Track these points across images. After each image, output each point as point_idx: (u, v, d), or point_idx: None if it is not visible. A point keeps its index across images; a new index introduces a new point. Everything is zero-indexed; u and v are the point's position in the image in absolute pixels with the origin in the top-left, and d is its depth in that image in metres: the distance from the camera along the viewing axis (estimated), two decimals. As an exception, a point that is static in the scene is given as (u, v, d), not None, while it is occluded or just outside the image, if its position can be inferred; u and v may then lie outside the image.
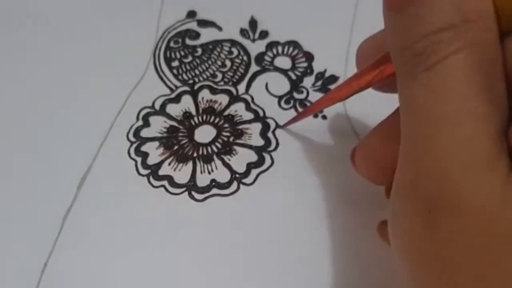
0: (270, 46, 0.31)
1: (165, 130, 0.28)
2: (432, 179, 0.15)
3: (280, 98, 0.29)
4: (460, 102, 0.15)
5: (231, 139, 0.27)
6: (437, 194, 0.15)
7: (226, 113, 0.28)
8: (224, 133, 0.28)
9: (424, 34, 0.15)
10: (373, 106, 0.29)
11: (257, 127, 0.28)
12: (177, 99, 0.29)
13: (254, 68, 0.30)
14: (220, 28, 0.31)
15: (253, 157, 0.27)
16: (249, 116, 0.28)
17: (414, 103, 0.16)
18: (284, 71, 0.30)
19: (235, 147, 0.27)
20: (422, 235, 0.16)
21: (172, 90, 0.29)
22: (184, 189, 0.26)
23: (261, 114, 0.28)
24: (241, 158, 0.27)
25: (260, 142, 0.27)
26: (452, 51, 0.15)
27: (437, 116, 0.15)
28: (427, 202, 0.15)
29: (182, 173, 0.26)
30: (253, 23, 0.32)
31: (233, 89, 0.29)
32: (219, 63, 0.30)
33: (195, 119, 0.28)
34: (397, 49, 0.16)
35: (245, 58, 0.30)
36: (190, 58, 0.30)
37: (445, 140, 0.15)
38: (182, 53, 0.31)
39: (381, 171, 0.21)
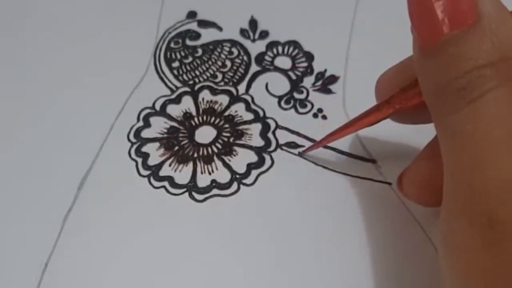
0: (270, 46, 0.31)
1: (165, 130, 0.28)
2: (491, 196, 0.16)
3: (280, 98, 0.29)
4: (509, 127, 0.16)
5: (231, 139, 0.28)
6: (498, 209, 0.16)
7: (226, 113, 0.28)
8: (224, 134, 0.28)
9: (466, 71, 0.16)
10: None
11: (257, 127, 0.28)
12: (177, 100, 0.29)
13: (254, 68, 0.30)
14: (220, 29, 0.31)
15: (253, 157, 0.27)
16: (249, 116, 0.28)
17: (461, 132, 0.17)
18: (284, 71, 0.30)
19: (235, 148, 0.27)
20: (482, 253, 0.16)
21: (172, 91, 0.29)
22: (184, 189, 0.26)
23: (261, 114, 0.28)
24: (241, 159, 0.27)
25: (260, 142, 0.27)
26: (494, 85, 0.16)
27: (489, 141, 0.16)
28: (487, 218, 0.16)
29: (182, 174, 0.26)
30: (253, 23, 0.32)
31: (233, 90, 0.29)
32: (219, 63, 0.30)
33: (196, 119, 0.28)
34: (435, 86, 0.18)
35: (245, 58, 0.30)
36: (190, 59, 0.30)
37: (501, 161, 0.16)
38: (183, 54, 0.31)
39: (430, 193, 0.22)
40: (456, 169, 0.17)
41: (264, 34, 0.31)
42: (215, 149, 0.27)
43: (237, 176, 0.26)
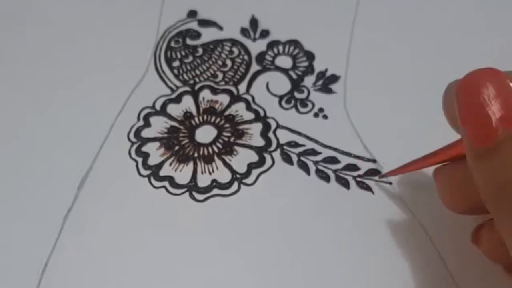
0: (271, 45, 0.31)
1: (165, 130, 0.28)
2: None
3: (281, 97, 0.29)
4: None
5: (231, 139, 0.27)
6: None
7: (226, 113, 0.28)
8: (224, 133, 0.28)
9: None
10: (374, 105, 0.29)
11: (257, 127, 0.28)
12: (177, 99, 0.29)
13: (255, 67, 0.30)
14: (220, 28, 0.31)
15: (253, 157, 0.27)
16: (250, 116, 0.28)
17: None
18: (285, 71, 0.30)
19: (236, 147, 0.27)
20: None
21: (172, 90, 0.29)
22: (185, 189, 0.26)
23: (262, 114, 0.28)
24: (242, 159, 0.27)
25: (260, 142, 0.27)
26: None
27: None
28: None
29: (183, 174, 0.26)
30: (253, 22, 0.32)
31: (233, 89, 0.29)
32: (220, 62, 0.30)
33: (196, 119, 0.28)
34: (494, 187, 0.17)
35: (245, 57, 0.30)
36: (191, 58, 0.30)
37: None
38: (183, 53, 0.31)
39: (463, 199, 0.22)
40: None
41: (264, 33, 0.31)
42: (215, 149, 0.27)
43: (238, 176, 0.26)
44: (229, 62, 0.30)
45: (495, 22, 0.31)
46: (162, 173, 0.26)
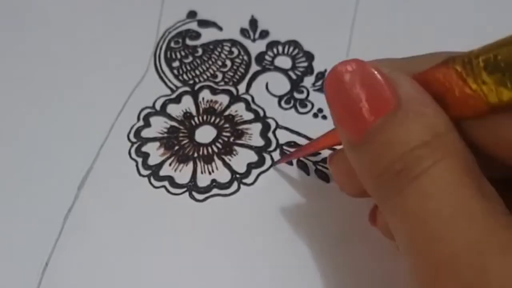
0: (271, 45, 0.31)
1: (165, 130, 0.28)
2: (455, 276, 0.15)
3: (280, 98, 0.29)
4: (459, 202, 0.15)
5: (231, 139, 0.28)
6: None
7: (226, 113, 0.28)
8: (224, 133, 0.28)
9: (400, 155, 0.16)
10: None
11: (257, 127, 0.28)
12: (177, 100, 0.29)
13: (254, 68, 0.30)
14: (220, 28, 0.31)
15: (253, 157, 0.27)
16: (250, 116, 0.28)
17: (409, 212, 0.16)
18: (284, 71, 0.30)
19: (236, 147, 0.27)
20: None
21: (172, 91, 0.29)
22: (184, 189, 0.26)
23: (262, 114, 0.28)
24: (241, 158, 0.27)
25: (260, 142, 0.27)
26: (433, 162, 0.16)
27: (441, 219, 0.16)
28: None
29: (182, 174, 0.26)
30: (253, 22, 0.32)
31: (233, 89, 0.29)
32: (219, 62, 0.30)
33: (196, 119, 0.28)
34: (371, 175, 0.17)
35: (245, 58, 0.30)
36: (190, 58, 0.30)
37: (460, 238, 0.15)
38: (183, 53, 0.31)
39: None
40: (415, 250, 0.17)
41: (264, 34, 0.31)
42: (215, 149, 0.27)
43: (237, 175, 0.26)
44: (228, 63, 0.30)
45: (496, 24, 0.31)
46: (162, 173, 0.27)
